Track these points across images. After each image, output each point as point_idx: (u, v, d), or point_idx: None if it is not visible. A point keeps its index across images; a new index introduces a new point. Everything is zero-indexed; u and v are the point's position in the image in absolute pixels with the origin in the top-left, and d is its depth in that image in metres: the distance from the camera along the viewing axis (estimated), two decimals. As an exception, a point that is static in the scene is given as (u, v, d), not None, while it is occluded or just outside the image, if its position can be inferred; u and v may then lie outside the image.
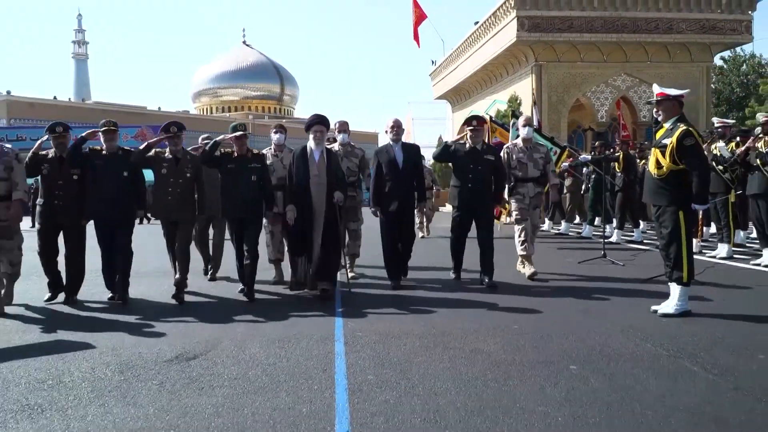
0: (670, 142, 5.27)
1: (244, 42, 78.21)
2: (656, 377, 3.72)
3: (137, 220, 7.04)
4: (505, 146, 8.01)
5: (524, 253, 7.54)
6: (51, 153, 6.55)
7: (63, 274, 6.66)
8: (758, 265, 8.31)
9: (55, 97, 51.78)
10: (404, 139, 7.47)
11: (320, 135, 6.56)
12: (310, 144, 6.58)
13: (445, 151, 7.24)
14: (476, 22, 26.26)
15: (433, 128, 75.60)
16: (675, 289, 5.34)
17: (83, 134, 6.57)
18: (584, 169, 13.69)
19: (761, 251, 8.54)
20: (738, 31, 22.02)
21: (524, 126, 7.75)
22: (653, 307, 5.50)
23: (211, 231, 8.15)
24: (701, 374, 3.78)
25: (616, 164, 12.00)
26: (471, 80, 27.80)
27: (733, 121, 12.93)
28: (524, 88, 22.56)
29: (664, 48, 21.96)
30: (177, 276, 6.62)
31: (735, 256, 9.13)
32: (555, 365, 4.00)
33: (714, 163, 8.93)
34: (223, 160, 6.66)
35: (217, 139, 6.75)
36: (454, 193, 7.17)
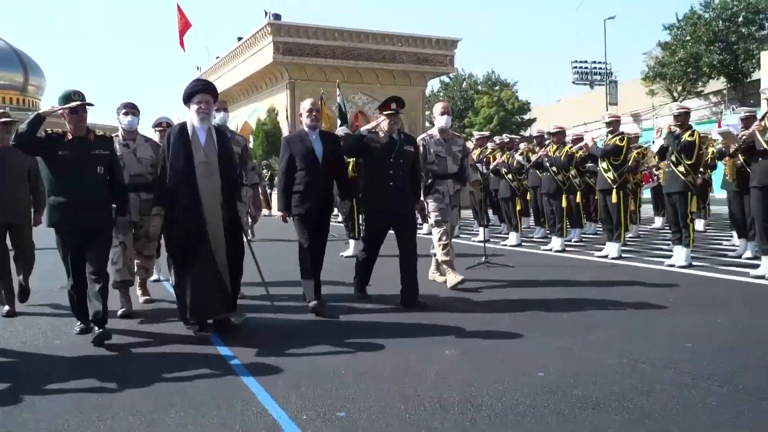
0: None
1: (-22, 24, 70.84)
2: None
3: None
4: (420, 138, 6.57)
5: (447, 258, 6.32)
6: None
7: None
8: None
9: None
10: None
11: (206, 107, 4.69)
12: (192, 120, 4.67)
13: (359, 143, 5.72)
14: (239, 38, 29.64)
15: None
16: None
17: (41, 111, 4.47)
18: None
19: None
20: (444, 63, 28.65)
21: (442, 114, 6.42)
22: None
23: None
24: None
25: None
26: (235, 88, 31.10)
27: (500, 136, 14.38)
28: (280, 101, 26.60)
29: (390, 74, 27.66)
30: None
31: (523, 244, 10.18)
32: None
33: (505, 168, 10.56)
34: (51, 144, 4.50)
35: (40, 112, 4.48)
36: (372, 196, 5.77)
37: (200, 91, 4.70)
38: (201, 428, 2.87)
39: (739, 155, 7.01)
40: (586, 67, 42.55)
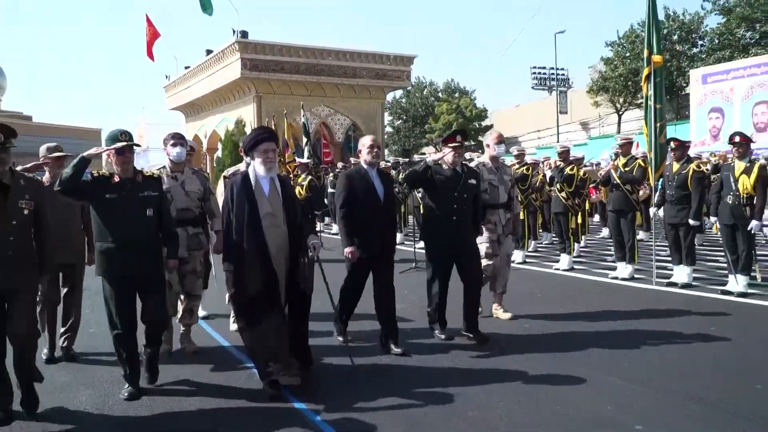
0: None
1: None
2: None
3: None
4: (472, 164, 6.39)
5: (500, 292, 6.48)
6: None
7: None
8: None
9: None
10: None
11: (273, 155, 4.59)
12: (257, 170, 4.57)
13: (423, 176, 5.60)
14: (208, 51, 31.11)
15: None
16: None
17: (85, 153, 4.26)
18: None
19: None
20: (401, 78, 30.69)
21: (498, 143, 6.32)
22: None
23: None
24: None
25: None
26: (204, 99, 32.64)
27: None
28: (248, 113, 28.30)
29: (351, 88, 29.61)
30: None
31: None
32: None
33: None
34: (97, 186, 4.33)
35: (85, 153, 4.29)
36: (434, 228, 5.75)
37: (266, 140, 4.55)
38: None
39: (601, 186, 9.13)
40: (545, 73, 44.39)
